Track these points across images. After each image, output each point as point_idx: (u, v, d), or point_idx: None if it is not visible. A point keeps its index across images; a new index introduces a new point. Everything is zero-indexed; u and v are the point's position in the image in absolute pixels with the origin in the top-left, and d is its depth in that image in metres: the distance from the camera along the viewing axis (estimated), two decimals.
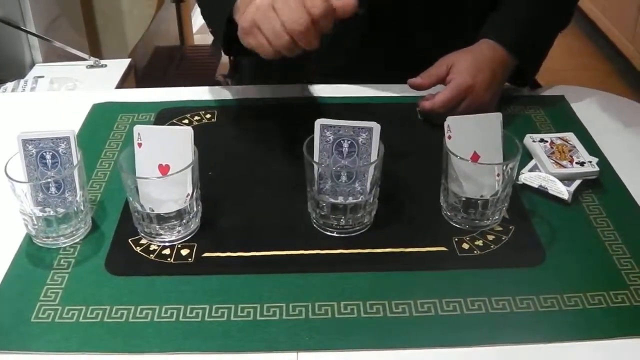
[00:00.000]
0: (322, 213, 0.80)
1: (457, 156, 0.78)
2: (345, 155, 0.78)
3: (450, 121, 0.79)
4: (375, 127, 0.77)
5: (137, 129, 0.78)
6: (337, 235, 0.80)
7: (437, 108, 0.99)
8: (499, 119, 0.81)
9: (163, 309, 0.71)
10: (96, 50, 2.11)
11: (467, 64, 0.99)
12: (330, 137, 0.78)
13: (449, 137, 0.79)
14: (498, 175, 0.79)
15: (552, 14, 1.08)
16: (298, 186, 0.83)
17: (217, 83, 1.90)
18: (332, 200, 0.78)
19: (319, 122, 0.77)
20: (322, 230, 0.81)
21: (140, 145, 0.78)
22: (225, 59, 1.93)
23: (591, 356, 0.67)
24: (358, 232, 0.81)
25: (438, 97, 0.99)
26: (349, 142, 0.78)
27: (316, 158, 0.78)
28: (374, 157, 0.78)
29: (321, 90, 1.12)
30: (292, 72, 1.17)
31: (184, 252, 0.78)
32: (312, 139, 0.78)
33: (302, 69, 1.19)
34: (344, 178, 0.77)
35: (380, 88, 1.12)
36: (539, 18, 1.06)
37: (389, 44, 1.13)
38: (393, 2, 1.09)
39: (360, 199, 0.78)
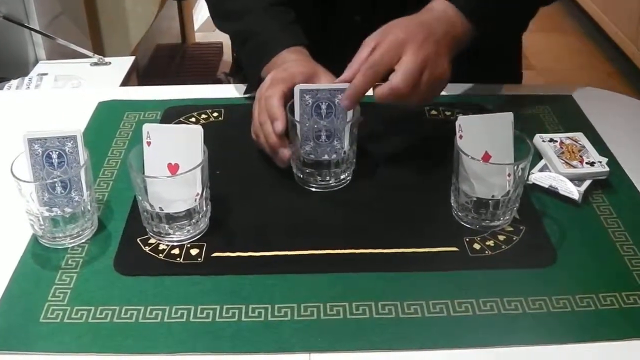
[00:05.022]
0: (307, 171, 0.86)
1: (468, 156, 0.77)
2: (324, 116, 0.86)
3: (462, 121, 0.79)
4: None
5: (147, 127, 0.77)
6: (315, 190, 0.87)
7: (402, 88, 0.83)
8: (510, 119, 0.80)
9: (173, 310, 0.70)
10: (99, 48, 2.10)
11: (395, 32, 0.86)
12: (310, 101, 0.85)
13: (460, 137, 0.79)
14: (509, 175, 0.78)
15: None
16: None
17: (219, 81, 1.90)
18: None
19: (298, 88, 0.84)
20: (306, 187, 0.87)
21: (149, 143, 0.77)
22: (227, 57, 1.92)
23: (604, 357, 0.67)
24: (338, 188, 0.87)
25: (393, 78, 0.84)
26: (327, 104, 0.85)
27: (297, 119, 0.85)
28: (349, 117, 0.85)
29: None
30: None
31: (194, 251, 0.78)
32: (293, 104, 0.85)
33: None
34: (323, 137, 0.84)
35: None
36: None
37: None
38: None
39: (342, 156, 0.86)
